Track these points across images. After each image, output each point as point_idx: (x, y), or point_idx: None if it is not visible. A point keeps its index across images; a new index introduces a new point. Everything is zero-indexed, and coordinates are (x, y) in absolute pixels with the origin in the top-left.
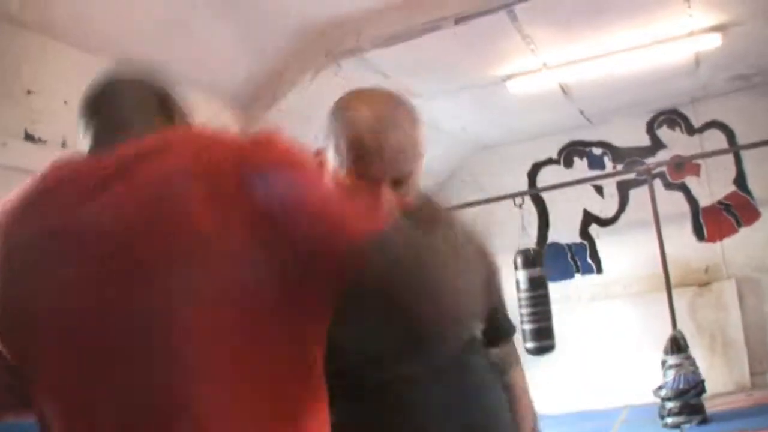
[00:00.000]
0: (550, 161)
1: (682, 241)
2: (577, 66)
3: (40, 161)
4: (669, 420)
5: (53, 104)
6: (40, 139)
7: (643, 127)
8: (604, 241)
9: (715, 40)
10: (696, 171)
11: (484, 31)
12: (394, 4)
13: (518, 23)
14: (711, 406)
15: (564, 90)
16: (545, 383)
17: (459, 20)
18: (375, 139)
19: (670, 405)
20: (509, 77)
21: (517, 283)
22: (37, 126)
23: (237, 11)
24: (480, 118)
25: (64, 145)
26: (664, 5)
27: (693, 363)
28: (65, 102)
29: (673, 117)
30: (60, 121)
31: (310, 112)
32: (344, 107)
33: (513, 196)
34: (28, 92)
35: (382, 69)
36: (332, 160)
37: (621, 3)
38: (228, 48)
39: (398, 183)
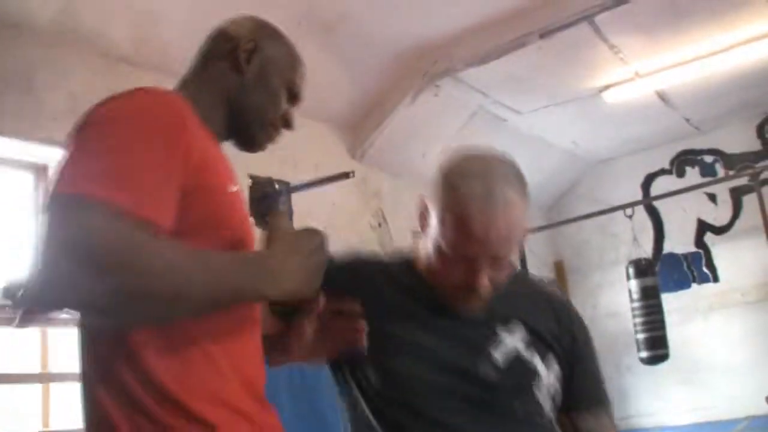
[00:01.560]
0: (662, 172)
1: None
2: (669, 72)
3: None
4: None
5: None
6: None
7: (753, 131)
8: (720, 249)
9: None
10: None
11: (571, 44)
12: (482, 23)
13: (602, 33)
14: None
15: (662, 97)
16: (661, 394)
17: (543, 35)
18: (483, 224)
19: None
20: (605, 88)
21: (630, 293)
22: None
23: (337, 39)
24: (586, 131)
25: None
26: (747, 3)
27: None
28: None
29: None
30: None
31: (414, 132)
32: (454, 178)
33: (623, 207)
34: None
35: (478, 87)
36: (435, 228)
37: (703, 5)
38: (331, 75)
39: (497, 259)
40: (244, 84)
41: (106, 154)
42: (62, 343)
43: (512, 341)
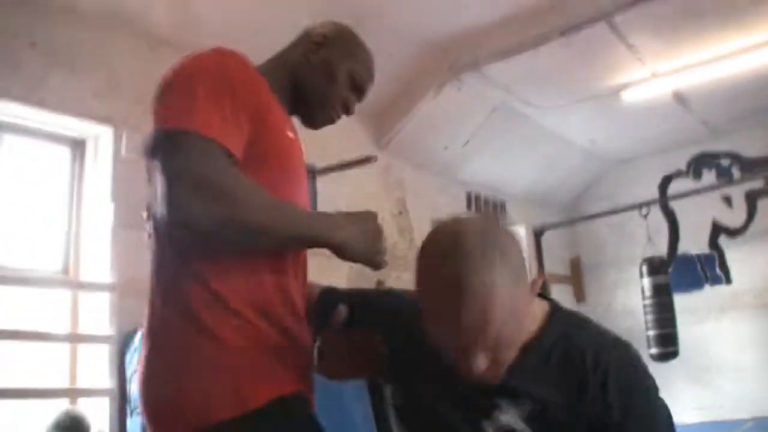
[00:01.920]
0: (679, 173)
1: None
2: (686, 73)
3: None
4: None
5: None
6: None
7: None
8: (733, 251)
9: None
10: None
11: (591, 43)
12: (504, 20)
13: (620, 33)
14: None
15: (680, 99)
16: (670, 391)
17: (564, 32)
18: (452, 315)
19: None
20: (623, 87)
21: (643, 290)
22: None
23: (363, 29)
24: (604, 130)
25: None
26: (758, 7)
27: None
28: None
29: None
30: None
31: (437, 124)
32: (425, 262)
33: (638, 206)
34: None
35: (501, 83)
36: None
37: (721, 7)
38: None
39: (485, 346)
40: (309, 67)
41: (195, 99)
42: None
43: (509, 418)
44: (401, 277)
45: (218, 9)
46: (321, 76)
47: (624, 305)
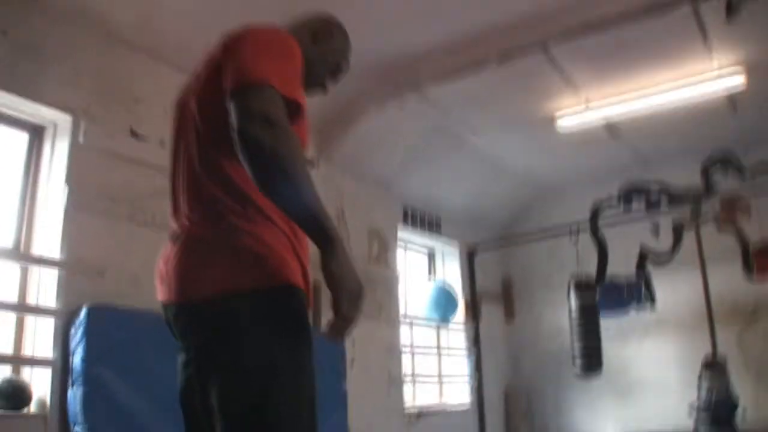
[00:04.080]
0: (610, 201)
1: (731, 279)
2: (619, 105)
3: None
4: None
5: (154, 111)
6: (141, 136)
7: (698, 170)
8: (659, 278)
9: (738, 80)
10: (747, 211)
11: (527, 70)
12: (448, 43)
13: (556, 63)
14: None
15: (611, 129)
16: (595, 407)
17: (501, 59)
18: None
19: (703, 417)
20: (558, 116)
21: (570, 309)
22: (140, 126)
23: None
24: (538, 157)
25: (162, 144)
26: (685, 45)
27: (727, 381)
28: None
29: (726, 158)
30: (159, 124)
31: (378, 139)
32: None
33: (569, 230)
34: (135, 100)
35: (441, 105)
36: None
37: (646, 44)
38: None
39: None
40: (313, 52)
41: (272, 59)
42: (40, 282)
43: None
44: None
45: (180, 16)
46: (319, 63)
47: (552, 325)
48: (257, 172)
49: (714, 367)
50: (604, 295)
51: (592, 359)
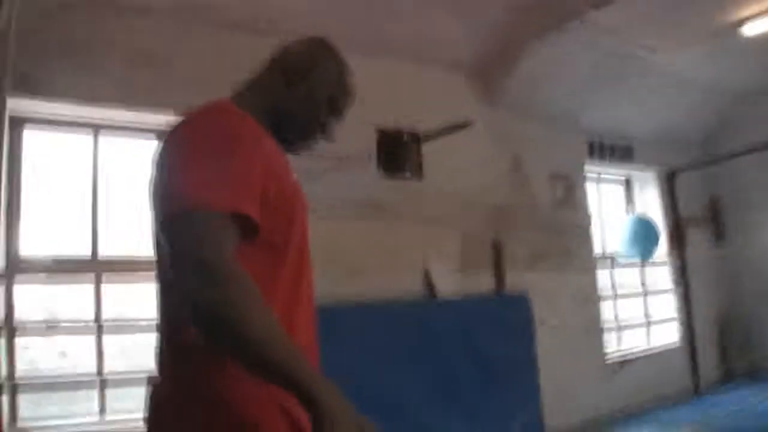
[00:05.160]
0: None
1: None
2: None
3: None
4: None
5: None
6: None
7: None
8: None
9: None
10: None
11: None
12: None
13: None
14: None
15: None
16: None
17: None
18: None
19: None
20: (740, 20)
21: None
22: None
23: None
24: (727, 68)
25: None
26: None
27: None
28: None
29: None
30: None
31: (545, 75)
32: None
33: None
34: None
35: (610, 29)
36: None
37: None
38: (457, 23)
39: None
40: (292, 99)
41: (205, 166)
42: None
43: None
44: (517, 235)
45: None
46: (304, 109)
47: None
48: (206, 339)
49: None
50: None
51: None
